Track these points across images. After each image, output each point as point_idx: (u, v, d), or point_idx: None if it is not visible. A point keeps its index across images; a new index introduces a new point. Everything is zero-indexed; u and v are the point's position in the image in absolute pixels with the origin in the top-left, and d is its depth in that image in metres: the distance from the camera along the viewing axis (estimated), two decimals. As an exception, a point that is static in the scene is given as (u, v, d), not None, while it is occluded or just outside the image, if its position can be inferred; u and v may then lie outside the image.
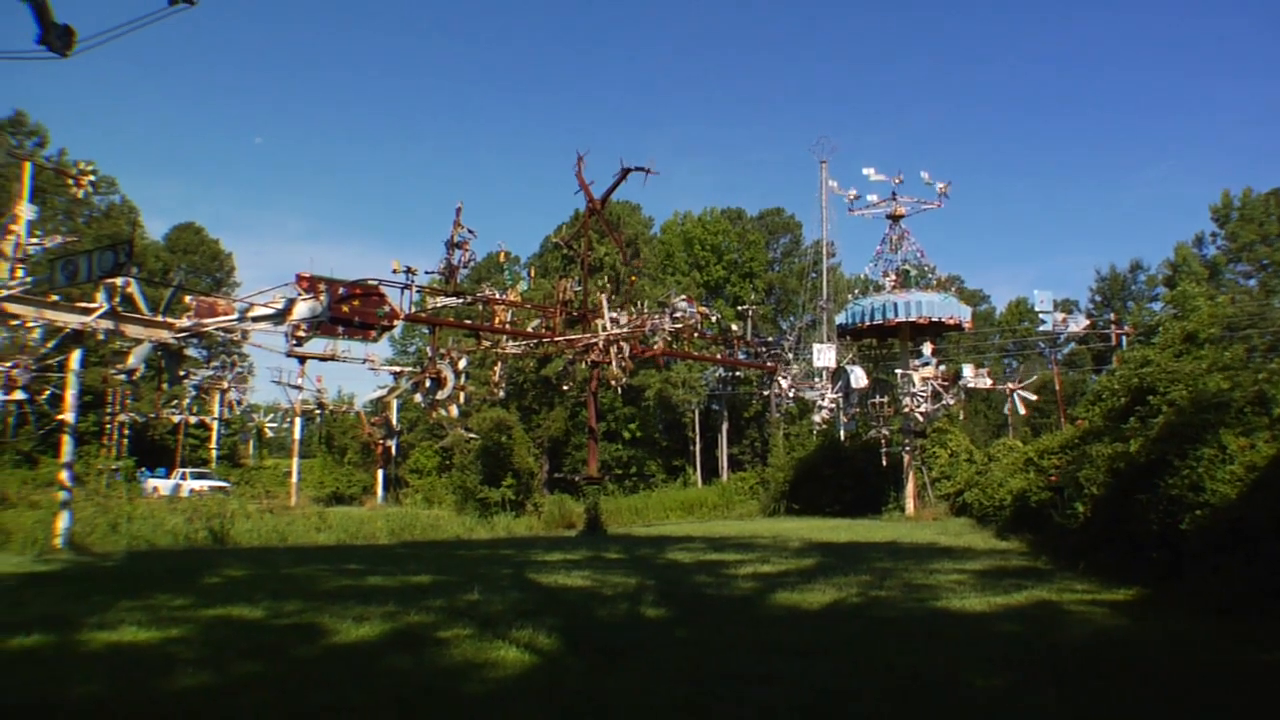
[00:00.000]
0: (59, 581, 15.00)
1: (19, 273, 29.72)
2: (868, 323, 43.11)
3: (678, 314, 37.83)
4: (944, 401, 41.78)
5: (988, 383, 43.82)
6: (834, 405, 45.15)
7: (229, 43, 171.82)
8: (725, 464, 75.29)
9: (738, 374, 69.84)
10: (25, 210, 36.02)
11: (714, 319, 44.66)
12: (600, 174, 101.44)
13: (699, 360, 57.42)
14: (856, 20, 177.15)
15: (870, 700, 6.97)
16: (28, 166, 39.94)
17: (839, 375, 44.24)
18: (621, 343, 35.64)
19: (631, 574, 15.93)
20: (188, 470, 56.33)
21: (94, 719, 6.34)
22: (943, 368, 43.58)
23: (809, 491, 45.52)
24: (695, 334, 40.64)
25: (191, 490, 48.06)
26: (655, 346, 38.20)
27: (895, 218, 44.79)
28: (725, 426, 77.32)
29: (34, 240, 36.15)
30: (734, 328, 48.46)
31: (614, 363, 35.58)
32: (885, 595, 12.99)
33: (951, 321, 42.57)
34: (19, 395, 34.05)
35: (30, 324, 28.87)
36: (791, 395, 46.72)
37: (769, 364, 46.26)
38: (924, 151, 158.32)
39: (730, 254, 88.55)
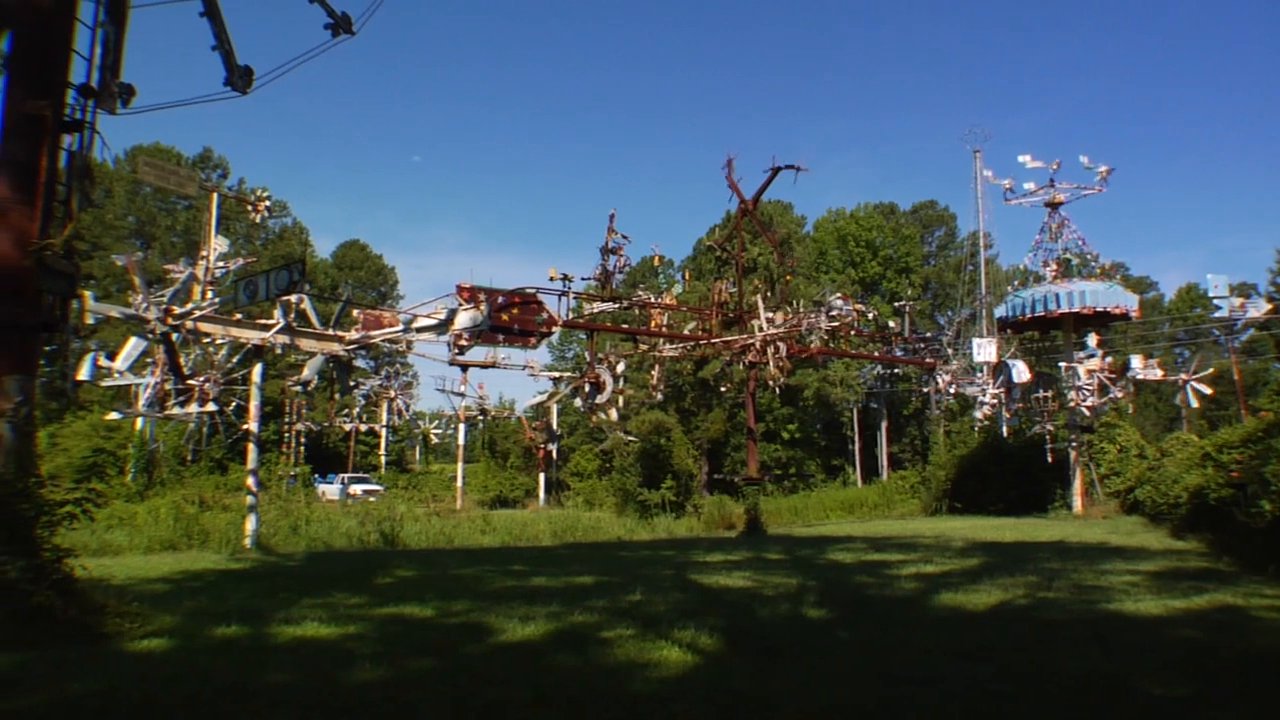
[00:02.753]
0: (250, 579, 15.96)
1: (208, 294, 31.75)
2: (1029, 315, 41.70)
3: (834, 312, 37.46)
4: (1111, 395, 39.98)
5: (1158, 374, 41.68)
6: (996, 401, 43.84)
7: (385, 68, 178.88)
8: (885, 463, 73.79)
9: (896, 371, 68.40)
10: (218, 242, 38.46)
11: (870, 316, 43.99)
12: (750, 174, 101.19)
13: (856, 358, 56.56)
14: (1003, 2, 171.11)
15: (1038, 706, 6.73)
16: (214, 198, 42.69)
17: (1000, 370, 42.92)
18: (778, 342, 35.48)
19: (792, 574, 15.81)
20: (345, 475, 58.78)
21: (284, 705, 6.72)
22: (1109, 359, 41.73)
23: (971, 490, 44.27)
24: (852, 332, 40.10)
25: (348, 494, 50.27)
26: (812, 345, 37.88)
27: (1054, 205, 43.11)
28: (884, 425, 75.79)
29: (220, 264, 38.63)
30: (891, 324, 47.62)
31: (771, 363, 35.44)
32: (1053, 597, 12.51)
33: (1117, 311, 40.73)
34: (211, 407, 36.33)
35: (218, 341, 30.82)
36: (951, 391, 45.58)
37: (928, 360, 45.25)
38: (1082, 134, 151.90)
39: (885, 249, 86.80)
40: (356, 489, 52.36)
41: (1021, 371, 41.43)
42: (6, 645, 8.89)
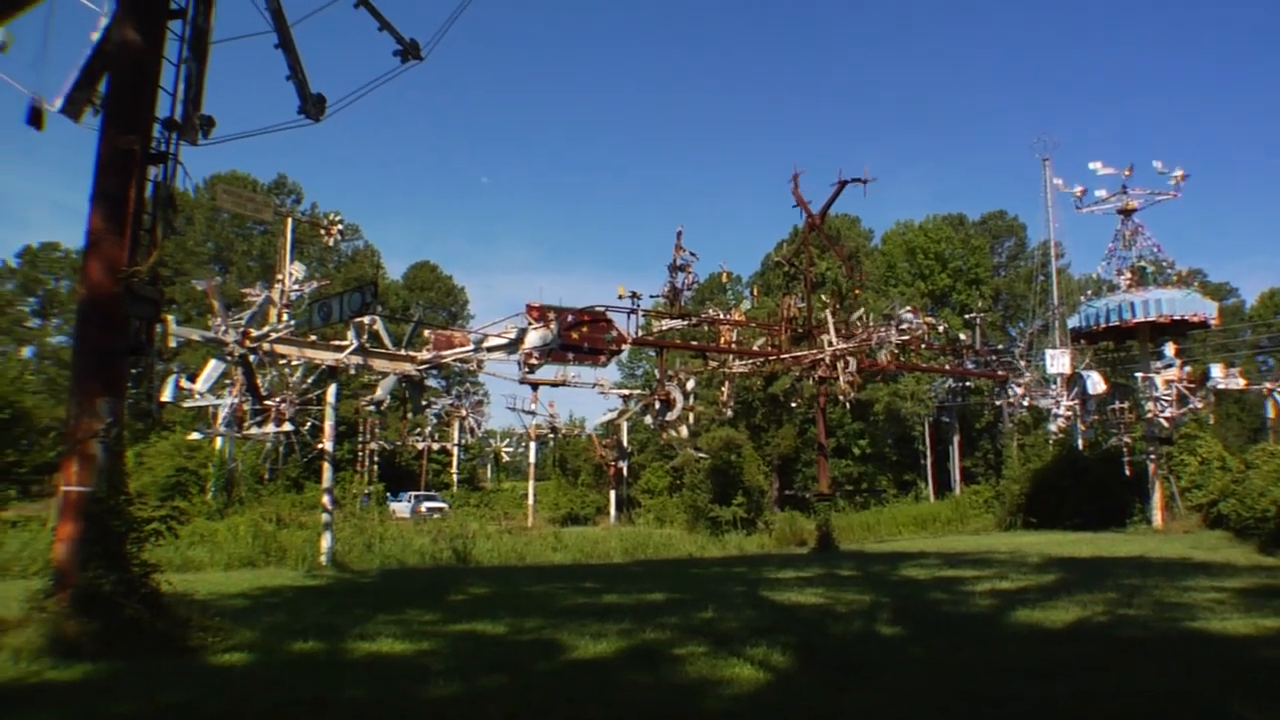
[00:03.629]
0: (326, 595, 16.30)
1: (284, 317, 32.52)
2: (1103, 325, 40.84)
3: (903, 325, 37.13)
4: (1191, 405, 38.96)
5: (1240, 383, 40.62)
6: (1070, 413, 42.97)
7: (453, 91, 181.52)
8: (958, 477, 72.62)
9: (968, 384, 67.28)
10: (294, 267, 39.41)
11: (941, 329, 43.48)
12: (817, 188, 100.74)
13: (927, 372, 55.84)
14: (1066, 4, 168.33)
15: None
16: (289, 223, 43.77)
17: (1074, 381, 42.09)
18: (848, 357, 35.26)
19: (865, 591, 15.68)
20: (414, 493, 59.51)
21: (360, 718, 6.88)
22: (1188, 369, 40.72)
23: (1047, 504, 43.37)
24: (922, 345, 39.67)
25: (415, 511, 50.94)
26: (882, 360, 37.52)
27: (1127, 212, 42.22)
28: (957, 439, 74.65)
29: (295, 287, 39.61)
30: (962, 337, 47.05)
31: (841, 378, 35.22)
32: (1134, 614, 12.24)
33: (1195, 319, 39.69)
34: (287, 427, 37.16)
35: (294, 362, 31.53)
36: (1025, 404, 44.79)
37: (1000, 372, 44.55)
38: (1154, 139, 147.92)
39: (954, 261, 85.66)
40: (423, 506, 53.05)
41: (1096, 383, 40.56)
42: (101, 655, 9.25)
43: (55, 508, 11.43)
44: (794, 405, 53.51)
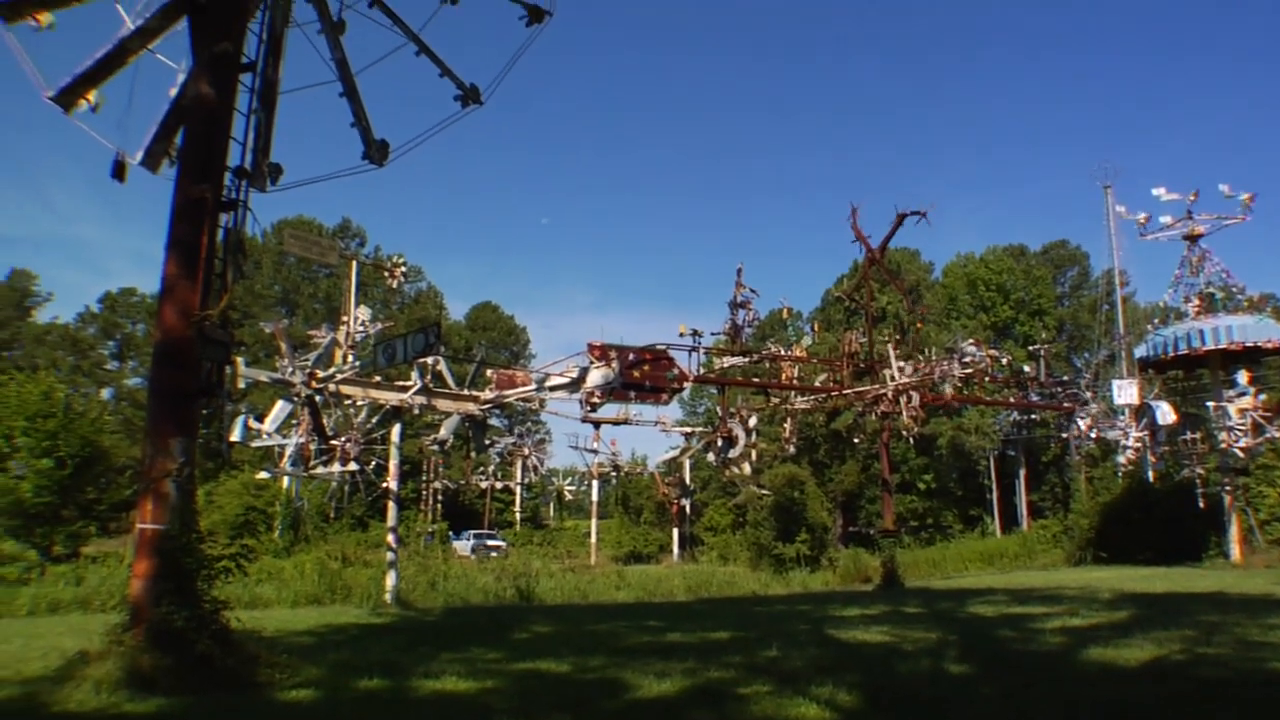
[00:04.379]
0: (391, 633, 16.43)
1: (349, 358, 33.07)
2: (1171, 353, 39.93)
3: (966, 358, 36.78)
4: (1268, 434, 37.86)
5: (1320, 409, 39.29)
6: (1140, 444, 42.01)
7: (512, 132, 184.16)
8: (1025, 512, 71.12)
9: (1033, 416, 66.15)
10: (361, 311, 40.14)
11: (1004, 361, 42.97)
12: (875, 221, 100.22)
13: (991, 405, 55.09)
14: (1123, 29, 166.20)
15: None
16: (353, 266, 44.62)
17: (1143, 412, 41.17)
18: (911, 392, 34.98)
19: (932, 628, 15.42)
20: (473, 532, 59.86)
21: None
22: (1263, 397, 39.53)
23: (1117, 538, 42.26)
24: (986, 378, 39.20)
25: (472, 548, 51.22)
26: (945, 393, 37.11)
27: (1193, 238, 41.33)
28: (1023, 472, 73.19)
29: (360, 329, 40.26)
30: (1026, 369, 46.44)
31: (904, 412, 34.94)
32: (1214, 653, 11.87)
33: (1269, 345, 38.63)
34: (352, 466, 37.63)
35: (359, 402, 32.01)
36: (1092, 436, 43.89)
37: (1066, 404, 43.83)
38: (1218, 164, 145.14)
39: (1016, 292, 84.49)
40: (480, 544, 53.36)
41: (1166, 413, 39.64)
42: (174, 689, 9.46)
43: (132, 544, 11.73)
44: (857, 441, 53.03)
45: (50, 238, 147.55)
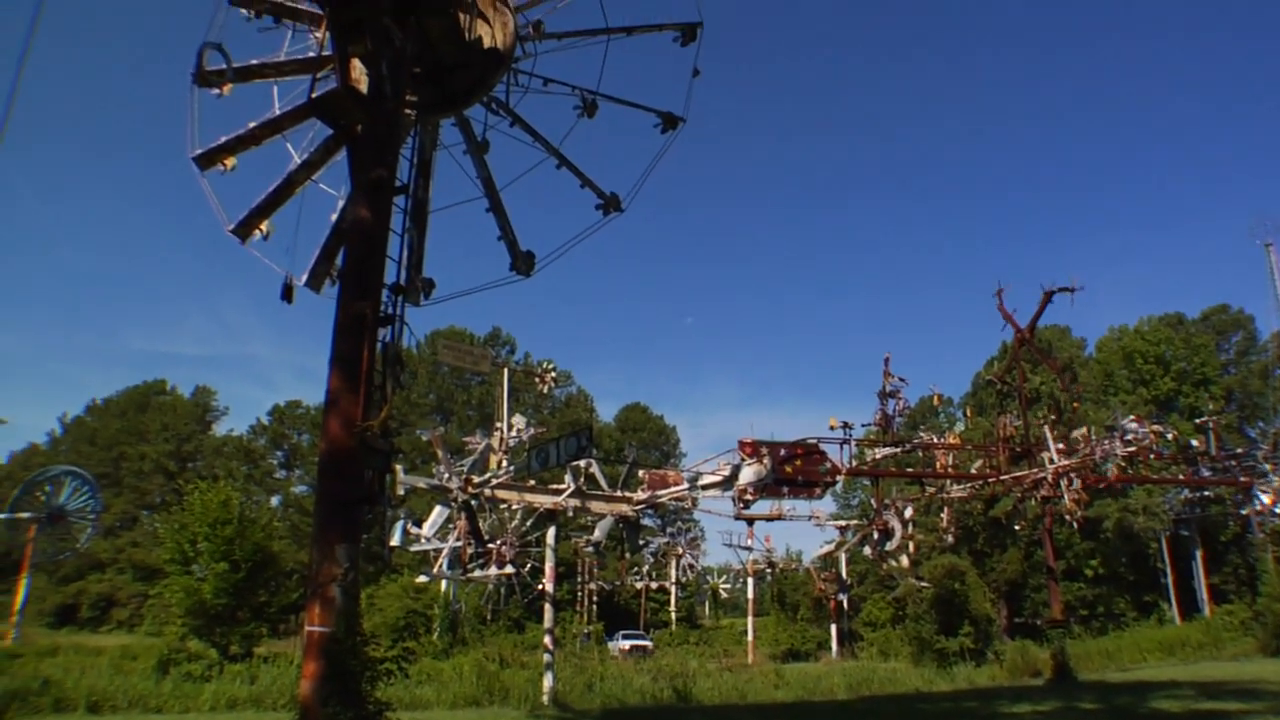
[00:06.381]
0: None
1: (503, 463, 33.99)
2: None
3: (1128, 436, 35.30)
4: None
5: None
6: (1332, 517, 38.98)
7: (654, 235, 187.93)
8: (1206, 596, 66.34)
9: (1207, 494, 62.32)
10: (516, 418, 41.41)
11: (1170, 436, 40.87)
12: (1021, 299, 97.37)
13: (1159, 483, 52.26)
14: (1267, 72, 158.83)
15: None
16: (505, 373, 46.05)
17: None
18: (1071, 474, 33.69)
19: (1109, 727, 14.60)
20: (621, 632, 59.59)
21: None
22: None
23: (1319, 624, 39.01)
24: (1151, 455, 37.36)
25: (620, 649, 50.89)
26: (1109, 474, 35.52)
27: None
28: (1200, 554, 68.50)
29: (513, 434, 41.36)
30: (1194, 443, 44.05)
31: (1066, 496, 33.63)
32: None
33: None
34: (508, 569, 38.30)
35: (514, 506, 32.76)
36: (1276, 511, 40.99)
37: (1242, 479, 41.20)
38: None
39: (1177, 363, 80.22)
40: (626, 644, 53.11)
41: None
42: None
43: (300, 646, 12.26)
44: (1018, 528, 50.94)
45: (226, 356, 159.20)
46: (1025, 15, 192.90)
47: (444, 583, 45.51)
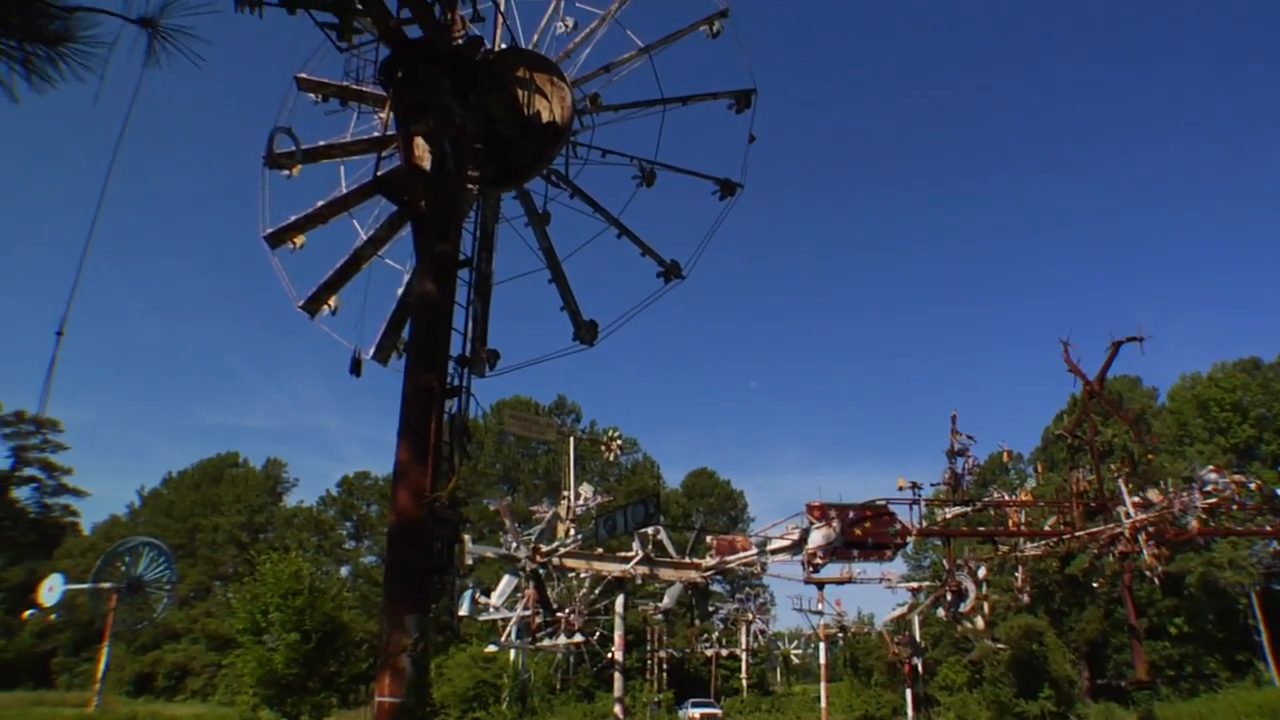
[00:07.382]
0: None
1: (571, 531, 34.05)
2: None
3: (1208, 487, 34.26)
4: None
5: None
6: None
7: (713, 301, 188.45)
8: (1304, 653, 63.51)
9: (1298, 544, 60.05)
10: (584, 488, 41.61)
11: (1253, 486, 39.54)
12: (1089, 350, 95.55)
13: (1245, 535, 50.44)
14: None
15: None
16: (571, 442, 46.30)
17: None
18: (1150, 528, 32.76)
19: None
20: (690, 700, 58.75)
21: None
22: None
23: None
24: (1234, 506, 36.20)
25: (690, 718, 50.21)
26: (1189, 527, 34.49)
27: None
28: (1294, 609, 65.79)
29: (580, 503, 41.50)
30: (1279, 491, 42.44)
31: (1145, 551, 32.71)
32: None
33: None
34: (577, 637, 38.12)
35: (582, 574, 32.71)
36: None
37: (1334, 527, 39.62)
38: None
39: (1255, 409, 77.58)
40: (696, 713, 52.38)
41: None
42: None
43: (371, 716, 12.31)
44: (1096, 585, 49.54)
45: (296, 428, 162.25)
46: (1068, 51, 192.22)
47: (513, 652, 45.34)
